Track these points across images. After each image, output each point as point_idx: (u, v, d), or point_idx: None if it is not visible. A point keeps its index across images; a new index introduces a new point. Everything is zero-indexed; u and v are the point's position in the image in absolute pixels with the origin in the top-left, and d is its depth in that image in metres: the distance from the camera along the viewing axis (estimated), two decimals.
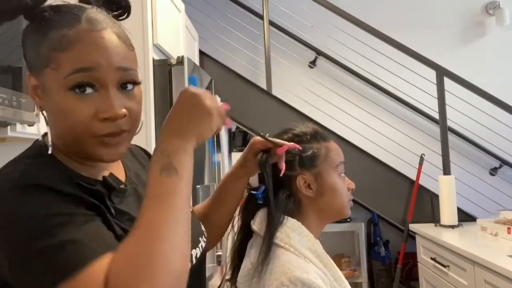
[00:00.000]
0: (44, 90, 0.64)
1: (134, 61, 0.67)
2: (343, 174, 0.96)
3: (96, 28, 0.63)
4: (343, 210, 0.96)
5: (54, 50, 0.61)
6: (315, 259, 0.85)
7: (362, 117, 3.34)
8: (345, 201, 0.95)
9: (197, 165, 1.03)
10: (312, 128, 0.97)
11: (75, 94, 0.61)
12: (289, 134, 0.95)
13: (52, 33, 0.62)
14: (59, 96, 0.62)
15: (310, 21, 3.45)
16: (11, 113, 1.10)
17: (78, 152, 0.65)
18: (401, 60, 3.07)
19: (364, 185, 2.89)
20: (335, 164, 0.94)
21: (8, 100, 1.08)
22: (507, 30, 3.57)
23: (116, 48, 0.63)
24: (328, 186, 0.92)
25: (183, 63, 1.80)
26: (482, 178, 3.33)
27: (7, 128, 1.21)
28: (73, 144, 0.64)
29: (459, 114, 3.18)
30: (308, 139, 0.94)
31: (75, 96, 0.61)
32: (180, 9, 2.36)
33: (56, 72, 0.61)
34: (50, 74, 0.62)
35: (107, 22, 0.65)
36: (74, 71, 0.61)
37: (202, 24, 3.31)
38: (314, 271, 0.80)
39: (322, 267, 0.84)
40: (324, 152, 0.93)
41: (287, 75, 3.50)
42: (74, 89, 0.61)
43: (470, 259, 1.89)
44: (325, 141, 0.96)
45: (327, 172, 0.93)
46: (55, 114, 0.64)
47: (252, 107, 2.99)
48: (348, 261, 3.15)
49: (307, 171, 0.91)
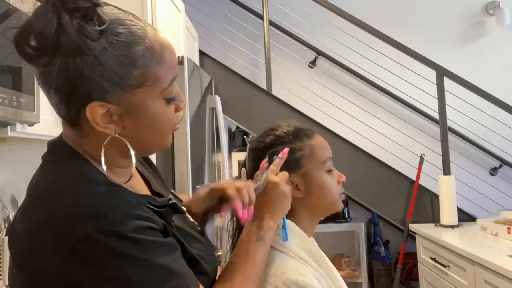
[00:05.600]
0: (129, 112, 0.61)
1: None
2: (332, 169, 0.94)
3: (155, 28, 0.64)
4: (335, 205, 0.94)
5: (149, 67, 0.60)
6: (310, 260, 0.84)
7: (362, 117, 3.34)
8: (335, 197, 0.93)
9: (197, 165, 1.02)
10: (294, 126, 0.94)
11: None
12: (271, 136, 0.93)
13: (135, 51, 0.59)
14: (155, 108, 0.62)
15: (310, 21, 3.45)
16: (11, 113, 1.10)
17: (140, 151, 0.66)
18: (401, 60, 3.06)
19: (364, 185, 2.89)
20: (321, 161, 0.91)
21: (8, 100, 1.08)
22: (507, 30, 3.57)
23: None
24: (316, 184, 0.90)
25: (183, 63, 1.80)
26: (482, 178, 3.33)
27: (7, 128, 1.21)
28: (150, 146, 0.67)
29: (459, 114, 3.17)
30: (291, 139, 0.92)
31: (166, 101, 0.64)
32: (180, 9, 2.37)
33: (154, 87, 0.61)
34: (144, 92, 0.60)
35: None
36: (172, 80, 0.63)
37: (202, 24, 3.31)
38: (309, 272, 0.80)
39: (317, 267, 0.84)
40: (308, 150, 0.91)
41: (287, 75, 3.50)
42: (173, 99, 0.64)
43: (470, 259, 1.89)
44: (309, 138, 0.93)
45: (313, 170, 0.91)
46: (147, 126, 0.63)
47: (252, 107, 2.99)
48: (348, 261, 3.15)
49: (293, 173, 0.89)
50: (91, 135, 0.62)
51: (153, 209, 0.63)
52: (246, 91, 3.01)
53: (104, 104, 0.59)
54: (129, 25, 0.59)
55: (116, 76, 0.58)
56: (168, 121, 0.65)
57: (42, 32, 0.54)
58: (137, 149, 0.64)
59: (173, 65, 0.64)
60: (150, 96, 0.61)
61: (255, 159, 0.93)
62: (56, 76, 0.57)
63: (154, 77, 0.60)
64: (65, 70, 0.56)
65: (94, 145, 0.62)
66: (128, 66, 0.58)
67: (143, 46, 0.59)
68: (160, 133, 0.65)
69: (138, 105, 0.61)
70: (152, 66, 0.60)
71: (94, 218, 0.55)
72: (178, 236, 0.65)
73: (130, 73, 0.59)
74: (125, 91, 0.59)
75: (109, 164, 0.62)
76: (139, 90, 0.60)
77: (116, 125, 0.61)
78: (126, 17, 0.60)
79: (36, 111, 1.21)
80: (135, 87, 0.59)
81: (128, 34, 0.59)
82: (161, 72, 0.61)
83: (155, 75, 0.61)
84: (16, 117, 1.14)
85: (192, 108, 1.89)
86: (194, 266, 0.65)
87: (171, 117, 0.66)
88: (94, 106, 0.58)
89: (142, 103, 0.61)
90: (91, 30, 0.56)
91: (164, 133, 0.66)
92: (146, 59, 0.60)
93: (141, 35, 0.60)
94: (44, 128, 1.24)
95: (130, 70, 0.59)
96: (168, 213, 0.67)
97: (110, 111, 0.59)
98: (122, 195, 0.61)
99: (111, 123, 0.60)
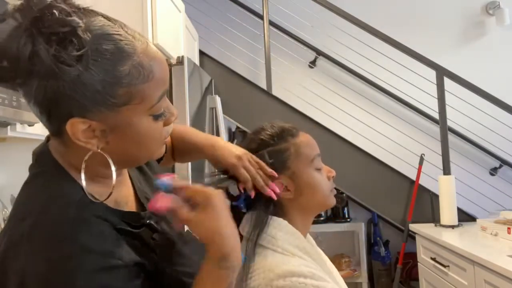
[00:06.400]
0: (114, 129, 0.58)
1: None
2: (321, 166, 0.93)
3: (146, 40, 0.61)
4: (326, 202, 0.93)
5: (135, 85, 0.57)
6: (303, 255, 0.83)
7: (362, 117, 3.34)
8: (326, 193, 0.92)
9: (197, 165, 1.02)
10: (278, 127, 0.93)
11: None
12: (256, 141, 0.92)
13: (120, 69, 0.55)
14: (142, 125, 0.60)
15: (310, 21, 3.45)
16: (11, 113, 1.10)
17: (127, 164, 0.65)
18: (401, 60, 3.06)
19: (364, 185, 2.89)
20: (309, 159, 0.90)
21: (8, 100, 1.08)
22: (507, 30, 3.57)
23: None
24: (305, 183, 0.89)
25: (183, 63, 1.80)
26: (482, 178, 3.33)
27: (7, 128, 1.21)
28: (137, 160, 0.65)
29: (459, 114, 3.18)
30: (276, 141, 0.91)
31: (154, 117, 0.61)
32: (180, 9, 2.37)
33: (141, 105, 0.58)
34: (130, 110, 0.58)
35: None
36: (161, 96, 0.61)
37: (202, 24, 3.31)
38: (300, 263, 0.79)
39: (311, 261, 0.83)
40: (294, 150, 0.90)
41: (287, 75, 3.50)
42: (162, 115, 0.62)
43: (470, 259, 1.89)
44: (294, 137, 0.92)
45: (301, 169, 0.90)
46: (133, 142, 0.61)
47: (252, 107, 2.99)
48: (348, 261, 3.15)
49: (281, 174, 0.89)
50: (74, 147, 0.59)
51: (129, 230, 0.62)
52: (246, 91, 3.01)
53: (86, 121, 0.56)
54: (116, 41, 0.56)
55: (99, 96, 0.55)
56: (156, 137, 0.63)
57: (16, 56, 0.52)
58: (123, 162, 0.62)
59: (163, 81, 0.61)
60: (136, 114, 0.58)
61: None
62: (34, 94, 0.55)
63: (141, 95, 0.58)
64: (43, 90, 0.54)
65: (77, 156, 0.60)
66: (112, 86, 0.55)
67: (130, 63, 0.56)
68: (147, 148, 0.63)
69: (123, 122, 0.58)
70: (138, 84, 0.57)
71: (50, 249, 0.53)
72: (157, 261, 0.63)
73: (114, 92, 0.56)
74: (109, 109, 0.56)
75: (93, 174, 0.61)
76: (125, 108, 0.57)
77: (99, 140, 0.58)
78: (115, 30, 0.56)
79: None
80: (120, 105, 0.57)
81: (114, 51, 0.55)
82: (149, 90, 0.58)
83: (142, 93, 0.58)
84: (16, 117, 1.14)
85: (192, 108, 1.89)
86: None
87: (159, 132, 0.63)
88: (74, 122, 0.56)
89: (128, 120, 0.58)
90: (67, 56, 0.52)
91: (151, 148, 0.64)
92: (133, 77, 0.56)
93: (129, 51, 0.56)
94: (44, 128, 1.24)
95: (115, 89, 0.55)
96: (146, 232, 0.65)
97: (92, 127, 0.57)
98: (91, 223, 0.57)
99: (93, 138, 0.58)
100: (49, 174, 0.62)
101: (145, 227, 0.66)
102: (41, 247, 0.54)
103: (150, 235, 0.66)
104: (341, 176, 1.09)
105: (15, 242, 0.55)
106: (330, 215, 3.24)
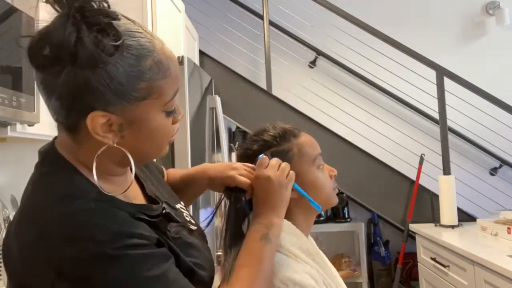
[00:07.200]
0: (130, 123, 0.61)
1: None
2: (322, 164, 0.94)
3: (162, 41, 0.64)
4: (330, 201, 0.94)
5: (155, 80, 0.60)
6: (306, 258, 0.84)
7: (362, 117, 3.34)
8: (329, 192, 0.93)
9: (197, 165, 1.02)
10: (280, 128, 0.94)
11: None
12: (259, 142, 0.92)
13: (143, 64, 0.59)
14: (156, 120, 0.63)
15: (310, 21, 3.45)
16: (11, 113, 1.10)
17: (138, 160, 0.65)
18: (401, 60, 3.06)
19: (364, 185, 2.89)
20: (311, 159, 0.92)
21: (8, 100, 1.08)
22: (507, 30, 3.57)
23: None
24: (309, 182, 0.90)
25: (183, 63, 1.80)
26: (482, 178, 3.33)
27: (7, 128, 1.21)
28: (146, 156, 0.67)
29: (459, 114, 3.18)
30: (278, 141, 0.91)
31: (166, 114, 0.65)
32: (180, 9, 2.37)
33: (158, 100, 0.62)
34: (148, 104, 0.61)
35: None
36: (174, 94, 0.64)
37: (202, 24, 3.31)
38: (304, 271, 0.80)
39: (314, 264, 0.84)
40: (297, 150, 0.91)
41: (287, 75, 3.50)
42: (173, 112, 0.65)
43: (470, 259, 1.89)
44: (296, 137, 0.93)
45: (304, 169, 0.90)
46: (146, 137, 0.63)
47: (252, 107, 2.99)
48: (348, 261, 3.15)
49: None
50: (87, 143, 0.61)
51: (146, 219, 0.63)
52: (246, 91, 3.01)
53: (106, 114, 0.58)
54: (139, 38, 0.59)
55: (122, 89, 0.58)
56: (166, 133, 0.66)
57: (60, 43, 0.54)
58: (133, 158, 0.64)
59: (177, 79, 0.65)
60: (152, 108, 0.62)
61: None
62: (61, 85, 0.56)
63: (159, 90, 0.61)
64: (71, 80, 0.56)
65: (88, 153, 0.62)
66: (135, 79, 0.58)
67: (152, 59, 0.60)
68: (157, 144, 0.66)
69: (140, 117, 0.61)
70: (158, 80, 0.60)
71: (81, 238, 0.55)
72: (173, 246, 0.65)
73: (136, 86, 0.59)
74: (130, 103, 0.59)
75: (102, 172, 0.63)
76: (143, 102, 0.60)
77: (115, 134, 0.61)
78: (136, 29, 0.60)
79: (36, 111, 1.21)
80: (140, 99, 0.60)
81: (138, 47, 0.59)
82: (166, 86, 0.62)
83: (160, 88, 0.61)
84: (16, 117, 1.14)
85: (192, 108, 1.89)
86: (189, 277, 0.65)
87: (168, 129, 0.67)
88: (96, 115, 0.58)
89: (145, 115, 0.61)
90: (107, 45, 0.55)
91: (161, 144, 0.67)
92: (153, 73, 0.60)
93: (150, 48, 0.60)
94: (44, 128, 1.24)
95: (137, 83, 0.59)
96: (162, 222, 0.67)
97: (110, 121, 0.59)
98: (112, 211, 0.60)
99: (109, 133, 0.60)
100: (59, 171, 0.63)
101: (162, 217, 0.68)
102: (72, 238, 0.55)
103: (166, 226, 0.68)
104: (341, 176, 1.09)
105: (39, 236, 0.56)
106: (330, 215, 3.24)
